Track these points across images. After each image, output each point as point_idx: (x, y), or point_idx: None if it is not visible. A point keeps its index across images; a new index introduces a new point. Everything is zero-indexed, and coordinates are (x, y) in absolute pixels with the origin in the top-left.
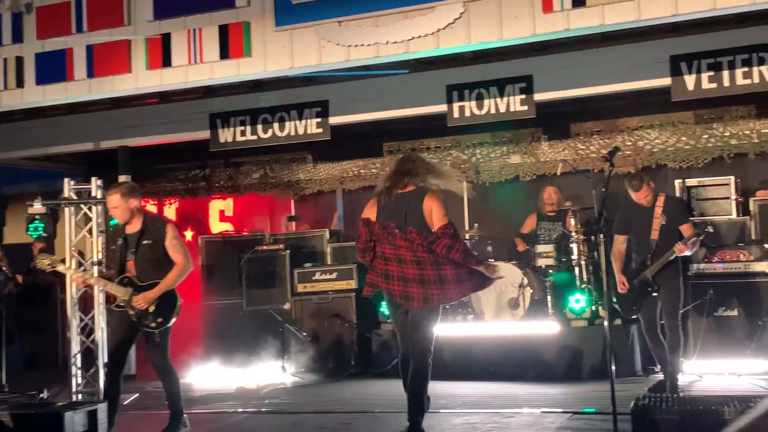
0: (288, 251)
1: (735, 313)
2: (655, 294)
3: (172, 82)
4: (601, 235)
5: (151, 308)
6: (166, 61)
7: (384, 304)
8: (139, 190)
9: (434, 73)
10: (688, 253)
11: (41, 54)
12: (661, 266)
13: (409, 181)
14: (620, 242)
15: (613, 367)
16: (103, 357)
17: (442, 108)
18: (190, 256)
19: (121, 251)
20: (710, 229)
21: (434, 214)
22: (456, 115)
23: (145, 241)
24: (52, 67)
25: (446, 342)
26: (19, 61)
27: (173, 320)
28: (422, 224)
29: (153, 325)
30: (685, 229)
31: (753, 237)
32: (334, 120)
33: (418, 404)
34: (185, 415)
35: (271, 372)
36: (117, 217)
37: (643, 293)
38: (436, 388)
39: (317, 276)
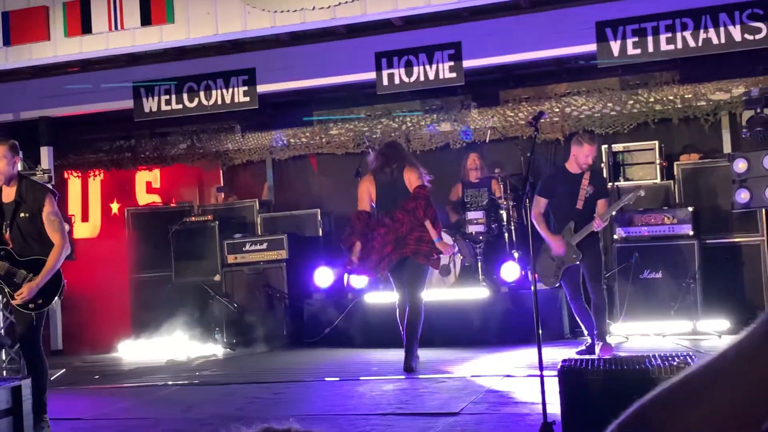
0: (217, 222)
1: (659, 275)
2: (578, 261)
3: (92, 50)
4: (527, 200)
5: None
6: (86, 28)
7: (316, 273)
8: (20, 153)
9: (363, 40)
10: (602, 226)
11: None
12: (586, 234)
13: (395, 162)
14: (542, 205)
15: (540, 331)
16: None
17: (371, 76)
18: (68, 234)
19: None
20: (641, 193)
21: (411, 178)
22: (385, 82)
23: (22, 214)
24: None
25: (377, 309)
26: None
27: (54, 301)
28: (407, 192)
29: (32, 306)
30: (602, 205)
31: (677, 201)
32: (261, 88)
33: (413, 347)
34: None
35: (202, 344)
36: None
37: (566, 261)
38: (367, 355)
39: (247, 247)
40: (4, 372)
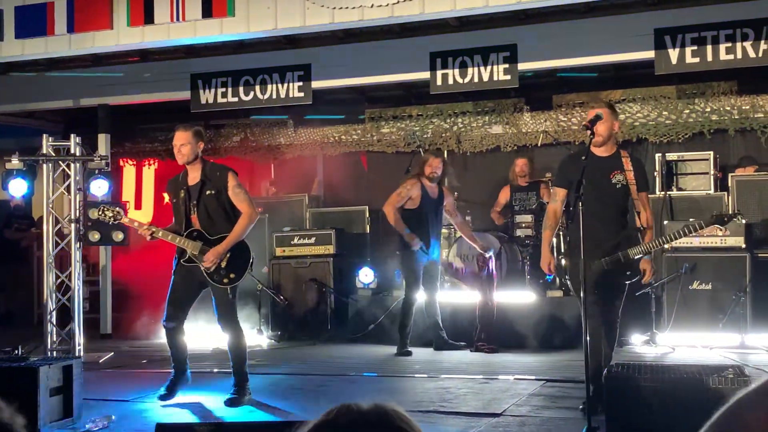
0: (267, 215)
1: (709, 287)
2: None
3: (153, 39)
4: (581, 204)
5: (223, 263)
6: (149, 18)
7: (360, 271)
8: (204, 138)
9: (418, 39)
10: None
11: (21, 7)
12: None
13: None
14: (560, 198)
15: (588, 337)
16: (78, 315)
17: (425, 75)
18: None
19: (184, 204)
20: (740, 220)
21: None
22: (439, 82)
23: (207, 192)
24: (33, 21)
25: (422, 309)
26: None
27: (245, 276)
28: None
29: (225, 281)
30: (645, 201)
31: (730, 212)
32: (316, 84)
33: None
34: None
35: (248, 334)
36: (181, 157)
37: (613, 276)
38: (413, 353)
39: (296, 240)
40: (55, 353)
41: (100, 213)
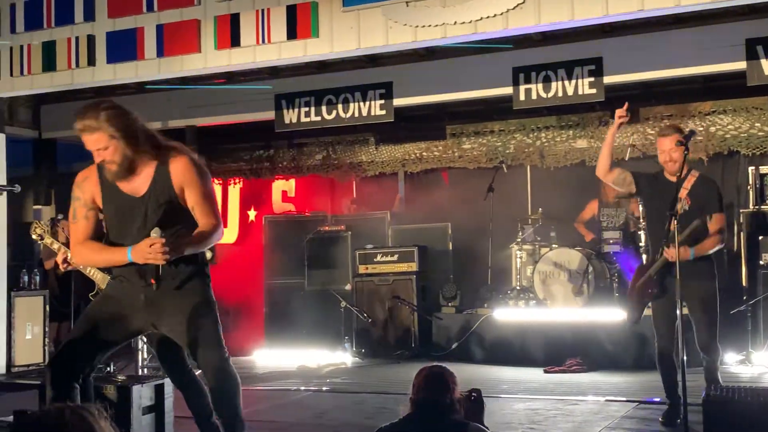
0: (349, 232)
1: None
2: (653, 300)
3: (240, 62)
4: (675, 221)
5: None
6: (235, 41)
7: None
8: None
9: (500, 54)
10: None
11: (112, 33)
12: (662, 266)
13: None
14: (622, 173)
15: (685, 357)
16: None
17: (508, 90)
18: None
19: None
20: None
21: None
22: (522, 97)
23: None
24: (123, 46)
25: (510, 327)
26: (91, 39)
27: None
28: None
29: None
30: (714, 222)
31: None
32: (398, 102)
33: None
34: None
35: (332, 352)
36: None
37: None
38: (498, 373)
39: (378, 258)
40: (146, 370)
41: (32, 231)
